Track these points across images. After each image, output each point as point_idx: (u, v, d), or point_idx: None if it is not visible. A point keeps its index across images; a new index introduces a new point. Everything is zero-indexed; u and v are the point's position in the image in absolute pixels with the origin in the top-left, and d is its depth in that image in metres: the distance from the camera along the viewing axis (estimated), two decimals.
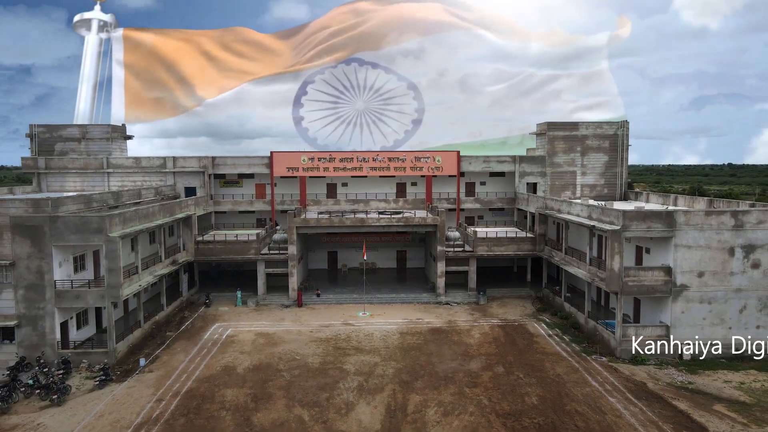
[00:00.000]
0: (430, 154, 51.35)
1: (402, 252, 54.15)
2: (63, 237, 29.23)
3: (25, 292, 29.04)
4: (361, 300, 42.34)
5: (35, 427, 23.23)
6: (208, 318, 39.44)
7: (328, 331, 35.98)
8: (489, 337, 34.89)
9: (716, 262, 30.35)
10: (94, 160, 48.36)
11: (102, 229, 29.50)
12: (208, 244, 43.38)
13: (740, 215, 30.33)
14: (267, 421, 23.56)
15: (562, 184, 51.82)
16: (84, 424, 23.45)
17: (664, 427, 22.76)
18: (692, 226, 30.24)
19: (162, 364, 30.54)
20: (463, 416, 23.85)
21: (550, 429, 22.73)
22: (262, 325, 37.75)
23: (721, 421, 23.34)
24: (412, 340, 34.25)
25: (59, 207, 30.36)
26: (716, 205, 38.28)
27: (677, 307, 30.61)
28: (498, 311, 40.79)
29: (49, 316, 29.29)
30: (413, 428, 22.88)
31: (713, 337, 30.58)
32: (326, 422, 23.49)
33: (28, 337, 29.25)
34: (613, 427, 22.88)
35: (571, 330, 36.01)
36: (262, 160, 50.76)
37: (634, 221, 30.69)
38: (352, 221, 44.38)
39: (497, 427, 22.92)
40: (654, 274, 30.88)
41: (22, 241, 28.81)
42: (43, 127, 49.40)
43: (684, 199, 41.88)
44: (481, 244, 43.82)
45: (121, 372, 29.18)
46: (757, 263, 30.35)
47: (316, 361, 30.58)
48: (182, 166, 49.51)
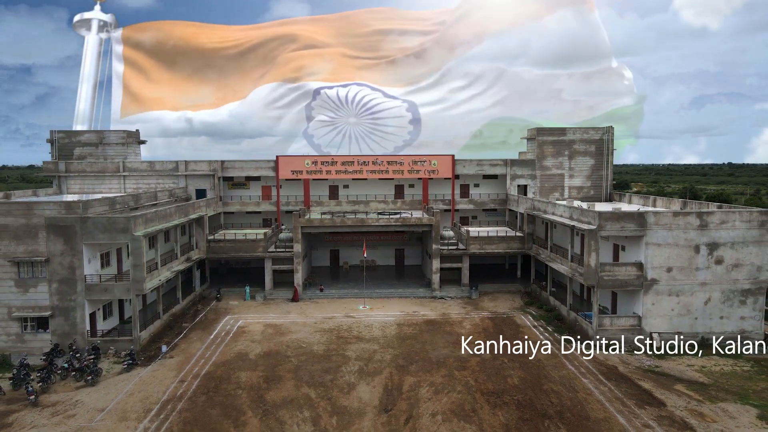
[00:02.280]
0: (426, 158, 54.45)
1: (400, 250, 57.28)
2: (92, 236, 32.37)
3: (59, 286, 32.17)
4: (361, 295, 45.46)
5: (74, 403, 26.38)
6: (219, 311, 42.59)
7: (331, 323, 39.10)
8: (479, 327, 38.01)
9: (683, 259, 33.46)
10: (111, 164, 51.52)
11: (127, 228, 32.65)
12: (219, 243, 46.54)
13: (705, 216, 33.44)
14: (278, 398, 26.70)
15: (551, 186, 54.95)
16: (117, 400, 26.60)
17: (628, 403, 25.91)
18: (661, 225, 33.35)
19: (181, 351, 33.71)
20: (452, 394, 26.98)
21: (528, 404, 25.87)
22: (269, 317, 40.88)
23: (679, 398, 26.49)
24: (408, 330, 37.37)
25: (89, 208, 33.47)
26: (690, 207, 41.32)
27: (648, 299, 33.74)
28: (489, 305, 43.92)
29: (80, 308, 32.42)
30: (407, 404, 26.03)
31: (681, 326, 33.74)
32: (330, 399, 26.63)
33: (61, 326, 32.39)
34: (583, 402, 26.01)
35: (555, 321, 39.14)
36: (268, 163, 53.90)
37: (609, 221, 33.82)
38: (353, 221, 47.53)
39: (481, 403, 26.06)
40: (627, 269, 34.01)
41: (55, 239, 31.95)
42: (63, 133, 52.58)
43: (661, 201, 44.96)
44: (473, 243, 46.96)
45: (145, 357, 32.34)
46: (720, 259, 33.46)
47: (320, 349, 33.71)
48: (193, 169, 52.65)
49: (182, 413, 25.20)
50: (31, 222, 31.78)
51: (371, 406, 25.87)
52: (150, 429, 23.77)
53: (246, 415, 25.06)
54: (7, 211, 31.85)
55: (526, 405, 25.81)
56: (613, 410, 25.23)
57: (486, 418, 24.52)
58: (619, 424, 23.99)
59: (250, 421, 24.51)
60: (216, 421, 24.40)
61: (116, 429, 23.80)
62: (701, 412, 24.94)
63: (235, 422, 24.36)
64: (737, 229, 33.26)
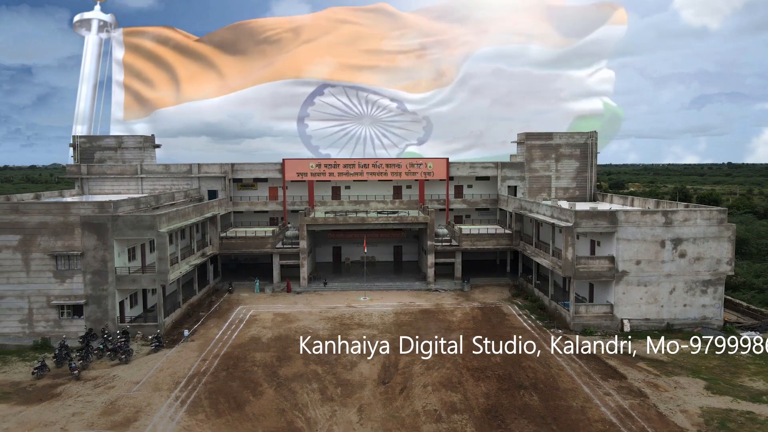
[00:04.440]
0: (422, 161, 58.34)
1: (398, 247, 61.16)
2: (122, 232, 36.26)
3: (92, 277, 36.04)
4: (362, 287, 49.35)
5: (112, 378, 30.29)
6: (232, 302, 46.48)
7: (334, 312, 42.98)
8: (469, 316, 41.89)
9: (650, 253, 37.32)
10: (129, 167, 55.43)
11: (153, 225, 36.54)
12: (230, 240, 50.43)
13: (669, 214, 37.31)
14: (290, 374, 30.58)
15: (539, 187, 58.84)
16: (149, 375, 30.50)
17: (594, 377, 29.79)
18: (631, 223, 37.22)
19: (200, 335, 37.61)
20: (441, 370, 30.86)
21: (507, 377, 29.75)
22: (278, 307, 44.76)
23: (639, 372, 30.37)
24: (405, 318, 41.24)
25: (118, 208, 37.35)
26: (662, 207, 45.16)
27: (619, 289, 37.60)
28: (479, 296, 47.81)
29: (111, 296, 36.29)
30: (402, 377, 29.91)
31: (648, 313, 37.62)
32: (336, 374, 30.50)
33: (94, 313, 36.27)
34: (555, 377, 29.89)
35: (538, 310, 43.00)
36: (275, 166, 57.80)
37: (584, 219, 37.70)
38: (354, 220, 51.43)
39: (467, 376, 29.94)
40: (601, 262, 37.89)
41: (89, 235, 35.84)
42: (85, 138, 56.52)
43: (638, 201, 48.82)
44: (465, 240, 50.84)
45: (169, 341, 36.23)
46: (684, 253, 37.33)
47: (325, 334, 37.55)
48: (206, 171, 56.55)
49: (207, 385, 29.09)
50: (68, 220, 35.68)
51: (371, 380, 29.75)
52: (180, 397, 27.66)
53: (262, 386, 28.95)
54: (47, 210, 35.75)
55: (505, 378, 29.69)
56: (581, 382, 29.12)
57: (470, 389, 28.41)
58: (584, 392, 27.87)
59: (266, 391, 28.39)
60: (237, 391, 28.29)
61: (152, 397, 27.69)
62: (656, 384, 28.81)
63: (254, 392, 28.26)
64: (699, 226, 37.14)
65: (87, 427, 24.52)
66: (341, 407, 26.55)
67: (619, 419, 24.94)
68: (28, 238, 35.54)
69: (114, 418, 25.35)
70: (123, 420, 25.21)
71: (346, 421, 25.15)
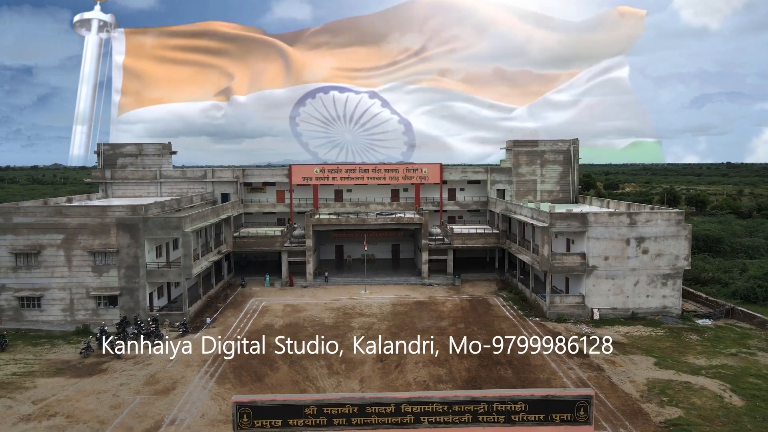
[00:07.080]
0: (418, 166, 63.32)
1: (396, 245, 66.17)
2: (152, 232, 41.27)
3: (125, 271, 41.05)
4: (362, 282, 54.38)
5: (148, 357, 35.32)
6: (245, 295, 51.51)
7: (338, 303, 47.99)
8: (458, 307, 46.90)
9: (617, 250, 42.29)
10: (149, 172, 60.45)
11: (180, 226, 41.55)
12: (243, 239, 55.45)
13: (634, 216, 42.30)
14: (301, 354, 35.59)
15: (525, 191, 63.84)
16: (180, 355, 35.51)
17: (561, 356, 34.79)
18: (599, 223, 42.21)
19: (220, 323, 42.65)
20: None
21: (487, 356, 34.67)
22: (287, 299, 49.78)
23: (600, 352, 35.37)
24: (401, 308, 46.25)
25: (148, 210, 42.37)
26: (633, 209, 50.17)
27: (590, 282, 42.59)
28: (468, 290, 52.83)
29: (142, 288, 41.31)
30: (397, 356, 34.88)
31: (615, 303, 42.61)
32: (340, 354, 35.51)
33: (127, 303, 41.29)
34: (528, 356, 34.76)
35: (520, 302, 47.99)
36: (282, 170, 62.83)
37: (558, 220, 42.69)
38: (355, 220, 56.47)
39: (452, 356, 34.90)
40: (573, 258, 42.88)
41: (123, 234, 40.85)
42: (108, 146, 61.54)
43: (614, 203, 53.80)
44: (456, 238, 55.85)
45: (193, 327, 41.26)
46: (646, 250, 42.30)
47: (330, 321, 42.58)
48: (219, 176, 61.56)
49: (230, 362, 34.13)
50: (104, 221, 40.70)
51: (370, 358, 34.77)
52: (209, 371, 32.70)
53: (278, 363, 33.97)
54: (86, 212, 40.79)
55: (485, 357, 34.68)
56: (549, 360, 34.14)
57: (454, 365, 33.43)
58: (551, 367, 32.88)
59: (282, 367, 33.42)
60: (256, 367, 33.32)
61: (185, 371, 32.72)
62: (613, 361, 33.83)
63: (271, 367, 33.29)
64: (659, 226, 42.12)
65: (135, 394, 29.56)
66: (345, 379, 31.58)
67: (576, 387, 29.93)
68: (69, 237, 40.57)
69: (156, 387, 30.39)
70: (163, 389, 30.24)
71: (350, 389, 30.15)
